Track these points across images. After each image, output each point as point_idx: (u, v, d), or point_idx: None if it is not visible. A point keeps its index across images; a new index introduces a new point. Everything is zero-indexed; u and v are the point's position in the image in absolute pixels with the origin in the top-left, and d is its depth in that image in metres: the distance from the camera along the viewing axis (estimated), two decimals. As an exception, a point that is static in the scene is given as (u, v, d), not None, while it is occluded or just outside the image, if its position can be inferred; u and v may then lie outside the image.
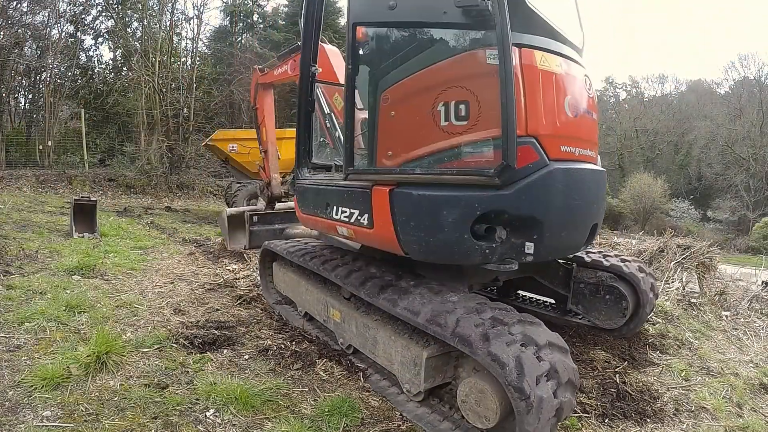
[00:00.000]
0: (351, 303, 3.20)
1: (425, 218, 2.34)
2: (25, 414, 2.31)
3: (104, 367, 2.78)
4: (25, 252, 5.36)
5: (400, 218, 2.41)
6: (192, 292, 4.61)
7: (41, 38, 17.07)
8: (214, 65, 20.18)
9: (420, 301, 2.50)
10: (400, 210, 2.41)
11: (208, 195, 16.15)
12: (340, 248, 3.69)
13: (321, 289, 3.52)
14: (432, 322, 2.32)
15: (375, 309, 2.91)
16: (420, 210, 2.35)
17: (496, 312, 2.32)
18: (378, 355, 2.84)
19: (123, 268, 5.26)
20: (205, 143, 12.10)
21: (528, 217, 2.31)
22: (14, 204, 9.78)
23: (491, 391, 2.13)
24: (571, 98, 2.44)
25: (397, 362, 2.65)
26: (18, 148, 16.20)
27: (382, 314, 2.86)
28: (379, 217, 2.52)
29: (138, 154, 16.12)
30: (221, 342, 3.36)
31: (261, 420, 2.47)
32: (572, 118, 2.44)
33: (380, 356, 2.81)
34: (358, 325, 3.01)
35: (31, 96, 18.14)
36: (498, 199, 2.25)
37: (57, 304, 3.71)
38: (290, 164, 13.03)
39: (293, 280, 3.91)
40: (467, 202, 2.27)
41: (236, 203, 10.71)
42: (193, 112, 17.05)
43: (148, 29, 17.15)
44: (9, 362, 2.80)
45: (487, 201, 2.25)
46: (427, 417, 2.53)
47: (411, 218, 2.38)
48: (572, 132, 2.47)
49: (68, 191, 13.14)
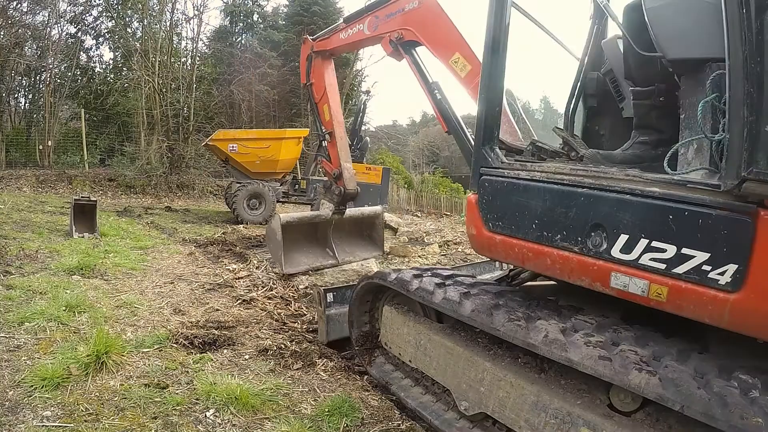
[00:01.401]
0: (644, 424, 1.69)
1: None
2: (25, 414, 2.31)
3: (104, 367, 2.77)
4: (25, 252, 5.35)
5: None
6: (192, 292, 4.62)
7: (41, 38, 17.07)
8: (214, 65, 20.18)
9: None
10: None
11: (208, 195, 16.14)
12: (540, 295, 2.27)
13: (543, 386, 1.92)
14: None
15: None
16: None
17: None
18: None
19: (123, 268, 5.25)
20: (205, 143, 12.10)
21: None
22: (14, 204, 9.77)
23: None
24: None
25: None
26: (18, 148, 16.18)
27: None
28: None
29: (138, 154, 16.10)
30: (221, 342, 3.36)
31: (261, 420, 2.47)
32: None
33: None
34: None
35: (31, 96, 18.13)
36: None
37: (57, 304, 3.71)
38: (290, 164, 12.99)
39: (446, 350, 2.33)
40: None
41: (236, 203, 10.72)
42: (193, 112, 17.04)
43: (149, 29, 17.14)
44: (9, 362, 2.80)
45: None
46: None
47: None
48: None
49: (68, 191, 13.13)
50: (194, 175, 16.78)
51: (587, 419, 1.74)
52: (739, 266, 1.44)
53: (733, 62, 1.43)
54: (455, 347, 2.28)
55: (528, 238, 2.01)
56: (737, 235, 1.45)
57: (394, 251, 7.14)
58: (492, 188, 2.18)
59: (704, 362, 1.59)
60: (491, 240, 2.18)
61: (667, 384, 1.45)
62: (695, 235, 1.53)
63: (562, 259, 1.88)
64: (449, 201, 23.29)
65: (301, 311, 4.29)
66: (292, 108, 24.37)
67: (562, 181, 1.91)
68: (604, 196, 1.77)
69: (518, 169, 2.12)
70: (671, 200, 1.59)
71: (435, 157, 32.06)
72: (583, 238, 1.81)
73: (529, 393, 1.93)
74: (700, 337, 1.84)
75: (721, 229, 1.47)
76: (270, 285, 4.94)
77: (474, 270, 4.71)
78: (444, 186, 26.38)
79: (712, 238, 1.49)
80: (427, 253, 7.24)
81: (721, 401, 1.38)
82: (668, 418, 1.63)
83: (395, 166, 23.29)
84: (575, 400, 1.82)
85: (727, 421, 1.32)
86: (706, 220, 1.50)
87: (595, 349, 1.66)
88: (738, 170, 1.41)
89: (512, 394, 1.99)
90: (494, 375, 2.07)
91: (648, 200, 1.65)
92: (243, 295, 4.59)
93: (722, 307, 1.49)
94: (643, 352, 1.63)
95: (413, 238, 9.14)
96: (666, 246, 1.58)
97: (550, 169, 2.02)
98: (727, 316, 1.50)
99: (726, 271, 1.46)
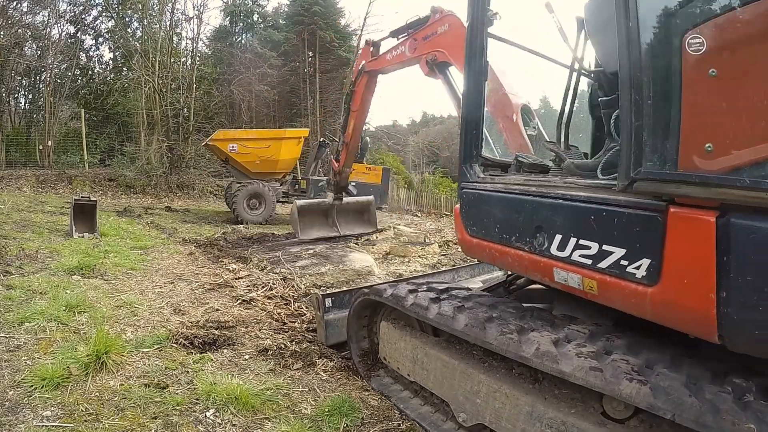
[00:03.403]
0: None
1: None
2: (25, 414, 2.31)
3: (104, 367, 2.77)
4: (25, 252, 5.36)
5: (737, 277, 1.32)
6: (192, 292, 4.62)
7: (41, 38, 17.10)
8: (214, 65, 20.21)
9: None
10: (739, 260, 1.32)
11: (208, 195, 16.14)
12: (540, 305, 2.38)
13: (537, 396, 1.95)
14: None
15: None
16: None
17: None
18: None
19: (123, 268, 5.26)
20: (205, 143, 12.12)
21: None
22: (14, 204, 9.77)
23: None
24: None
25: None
26: (18, 148, 16.20)
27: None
28: (683, 268, 1.46)
29: (138, 154, 16.11)
30: (221, 342, 3.36)
31: (261, 420, 2.47)
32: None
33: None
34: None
35: (31, 96, 18.16)
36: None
37: (57, 304, 3.71)
38: (290, 164, 13.12)
39: (442, 363, 2.38)
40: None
41: (236, 203, 10.72)
42: (193, 112, 17.05)
43: (148, 29, 17.16)
44: (9, 362, 2.80)
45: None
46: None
47: (760, 279, 1.29)
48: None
49: (68, 191, 13.14)
50: (194, 175, 16.80)
51: (581, 428, 1.77)
52: (652, 261, 1.52)
53: (621, 71, 1.54)
54: (451, 360, 2.34)
55: (494, 240, 2.24)
56: (649, 231, 1.54)
57: (394, 251, 7.13)
58: (468, 199, 2.41)
59: (697, 367, 1.60)
60: (471, 243, 2.40)
61: (658, 392, 1.46)
62: (612, 233, 1.66)
63: (519, 258, 2.08)
64: (449, 201, 23.27)
65: (301, 311, 4.29)
66: (292, 108, 24.39)
67: (514, 191, 2.16)
68: (543, 202, 1.97)
69: (486, 182, 2.36)
70: (592, 202, 1.75)
71: (435, 157, 32.03)
72: (530, 238, 2.00)
73: (524, 404, 1.96)
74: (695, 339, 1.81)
75: (633, 226, 1.59)
76: (270, 285, 4.94)
77: (473, 270, 4.77)
78: (444, 186, 26.36)
79: (627, 234, 1.61)
80: (427, 253, 7.23)
81: (712, 408, 1.38)
82: (662, 425, 1.64)
83: (395, 166, 23.28)
84: (569, 410, 1.85)
85: (719, 429, 1.33)
86: (620, 218, 1.63)
87: (586, 359, 1.67)
88: (627, 171, 1.53)
89: (507, 405, 2.03)
90: (489, 387, 2.12)
91: (574, 203, 1.82)
92: (243, 295, 4.59)
93: (643, 299, 1.57)
94: (635, 360, 1.65)
95: (413, 240, 9.14)
96: (590, 243, 1.73)
97: (510, 180, 2.26)
98: (648, 308, 1.58)
99: (641, 266, 1.55)
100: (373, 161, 18.57)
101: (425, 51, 4.32)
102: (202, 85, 18.40)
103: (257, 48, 21.09)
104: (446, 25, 4.07)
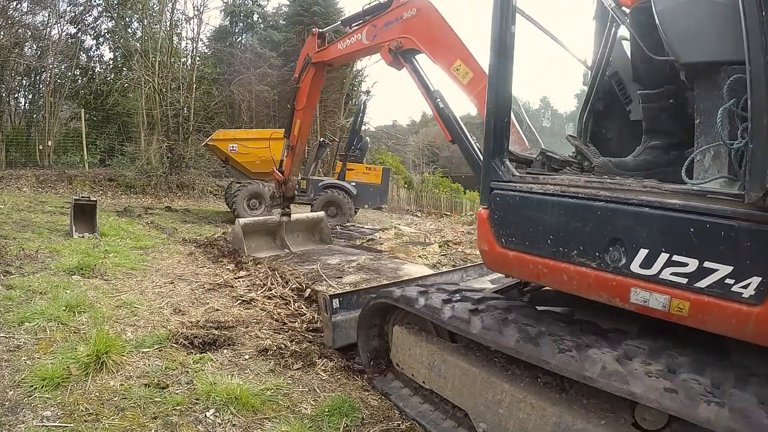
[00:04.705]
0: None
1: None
2: (25, 414, 2.31)
3: (104, 367, 2.77)
4: (25, 252, 5.35)
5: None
6: (192, 292, 4.62)
7: (41, 38, 17.08)
8: (214, 65, 20.19)
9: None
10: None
11: (208, 195, 16.14)
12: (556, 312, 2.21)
13: (565, 406, 1.85)
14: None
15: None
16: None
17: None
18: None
19: (123, 268, 5.25)
20: (205, 143, 12.12)
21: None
22: (14, 204, 9.77)
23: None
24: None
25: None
26: (18, 148, 16.18)
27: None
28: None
29: (138, 154, 16.12)
30: (221, 342, 3.36)
31: (261, 420, 2.47)
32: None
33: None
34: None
35: (31, 96, 18.14)
36: None
37: (57, 304, 3.71)
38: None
39: (462, 371, 2.25)
40: None
41: (236, 203, 10.71)
42: (193, 112, 17.05)
43: (148, 29, 17.15)
44: (9, 362, 2.80)
45: None
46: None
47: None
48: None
49: (68, 191, 13.14)
50: (194, 175, 16.80)
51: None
52: (763, 279, 1.38)
53: (754, 68, 1.36)
54: (471, 368, 2.21)
55: (543, 254, 1.93)
56: (761, 247, 1.38)
57: (394, 251, 7.14)
58: (504, 203, 2.09)
59: (765, 387, 1.52)
60: (505, 256, 2.09)
61: (735, 416, 1.37)
62: (717, 248, 1.47)
63: (579, 275, 1.81)
64: (449, 201, 23.31)
65: (301, 311, 4.29)
66: (292, 108, 24.31)
67: (577, 195, 1.83)
68: (621, 209, 1.69)
69: (531, 183, 2.02)
70: (692, 212, 1.52)
71: (435, 157, 32.03)
72: (600, 253, 1.74)
73: (551, 414, 1.85)
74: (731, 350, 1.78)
75: (744, 240, 1.41)
76: (269, 285, 4.94)
77: (481, 270, 4.67)
78: (444, 186, 26.39)
79: (735, 250, 1.43)
80: (428, 253, 7.23)
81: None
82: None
83: (395, 166, 23.30)
84: (599, 420, 1.75)
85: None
86: (728, 232, 1.43)
87: (657, 380, 1.55)
88: (763, 181, 1.34)
89: (533, 415, 1.91)
90: (513, 396, 1.99)
91: (668, 212, 1.58)
92: (243, 295, 4.59)
93: (746, 320, 1.43)
94: (704, 380, 1.55)
95: (414, 240, 9.14)
96: (687, 260, 1.52)
97: (564, 181, 1.93)
98: (750, 329, 1.45)
99: (750, 284, 1.40)
100: (373, 161, 18.57)
101: (388, 38, 3.90)
102: (202, 85, 18.40)
103: (257, 48, 21.07)
104: (413, 9, 3.69)
